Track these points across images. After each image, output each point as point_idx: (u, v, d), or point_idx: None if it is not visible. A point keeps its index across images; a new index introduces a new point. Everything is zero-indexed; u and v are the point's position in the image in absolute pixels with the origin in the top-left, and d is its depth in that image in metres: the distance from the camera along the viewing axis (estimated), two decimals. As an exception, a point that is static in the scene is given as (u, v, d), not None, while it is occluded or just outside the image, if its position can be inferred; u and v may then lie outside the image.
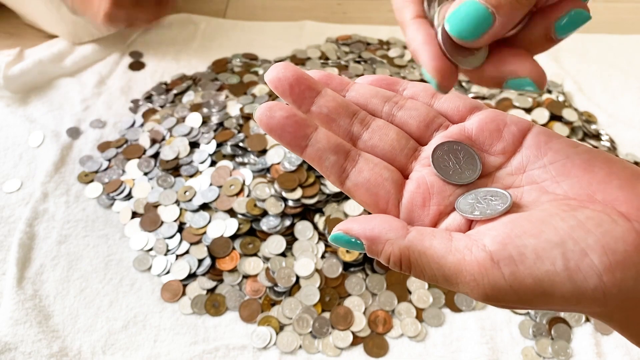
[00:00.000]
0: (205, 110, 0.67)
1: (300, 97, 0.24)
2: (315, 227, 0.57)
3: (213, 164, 0.62)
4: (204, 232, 0.57)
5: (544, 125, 0.65)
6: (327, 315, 0.52)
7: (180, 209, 0.59)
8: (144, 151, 0.65)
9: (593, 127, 0.71)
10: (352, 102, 0.26)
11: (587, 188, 0.21)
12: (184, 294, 0.54)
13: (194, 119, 0.66)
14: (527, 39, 0.22)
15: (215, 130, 0.64)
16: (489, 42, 0.21)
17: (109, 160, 0.66)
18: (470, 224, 0.23)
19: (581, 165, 0.22)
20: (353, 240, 0.22)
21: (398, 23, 0.24)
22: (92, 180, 0.64)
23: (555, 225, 0.19)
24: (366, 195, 0.23)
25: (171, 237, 0.58)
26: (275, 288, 0.54)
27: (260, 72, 0.76)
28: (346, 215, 0.56)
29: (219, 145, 0.63)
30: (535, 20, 0.22)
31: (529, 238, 0.19)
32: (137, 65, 0.82)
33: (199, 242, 0.57)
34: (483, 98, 0.71)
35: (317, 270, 0.54)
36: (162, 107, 0.72)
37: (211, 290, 0.54)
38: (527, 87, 0.22)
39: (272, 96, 0.66)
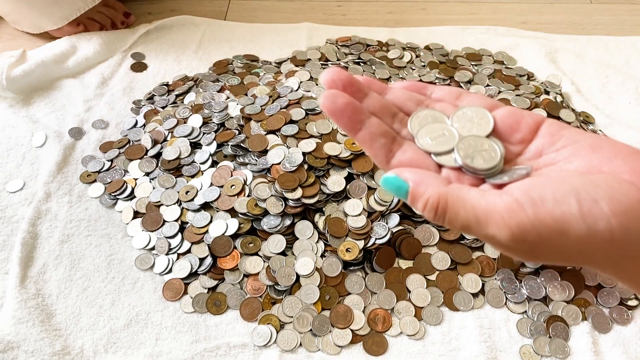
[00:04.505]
0: (206, 111, 0.68)
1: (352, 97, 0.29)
2: (315, 227, 0.57)
3: (214, 164, 0.63)
4: (206, 232, 0.57)
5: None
6: (327, 313, 0.53)
7: (182, 209, 0.60)
8: (146, 151, 0.66)
9: (590, 127, 0.72)
10: (391, 104, 0.30)
11: (595, 164, 0.25)
12: (185, 292, 0.55)
13: (195, 120, 0.67)
14: None
15: (216, 131, 0.65)
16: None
17: (111, 160, 0.67)
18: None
19: (589, 147, 0.26)
20: (401, 182, 0.26)
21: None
22: (94, 180, 0.65)
23: (571, 181, 0.24)
24: None
25: (173, 237, 0.58)
26: (276, 287, 0.54)
27: (261, 73, 0.77)
28: (346, 215, 0.57)
29: (220, 145, 0.63)
30: None
31: (549, 188, 0.24)
32: (139, 66, 0.82)
33: (200, 241, 0.57)
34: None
35: (317, 269, 0.55)
36: (163, 108, 0.73)
37: (212, 289, 0.55)
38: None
39: (271, 97, 0.67)
